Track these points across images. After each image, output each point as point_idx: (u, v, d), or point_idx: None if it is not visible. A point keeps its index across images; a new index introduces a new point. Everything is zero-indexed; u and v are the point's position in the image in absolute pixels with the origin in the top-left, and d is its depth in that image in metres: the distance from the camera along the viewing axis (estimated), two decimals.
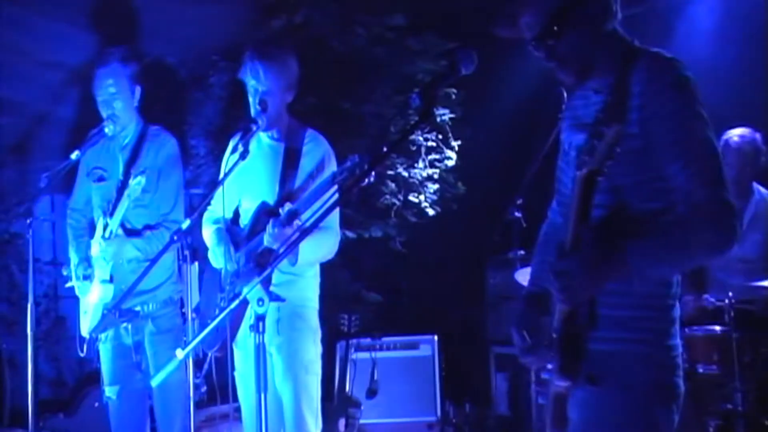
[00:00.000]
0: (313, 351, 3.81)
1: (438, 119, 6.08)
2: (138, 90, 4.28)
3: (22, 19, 5.15)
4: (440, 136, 6.18)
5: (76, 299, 4.39)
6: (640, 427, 2.25)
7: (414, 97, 2.37)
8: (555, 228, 2.64)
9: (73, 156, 4.12)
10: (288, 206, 3.55)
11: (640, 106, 2.20)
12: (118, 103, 4.19)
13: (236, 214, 3.98)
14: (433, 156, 6.34)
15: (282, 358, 3.75)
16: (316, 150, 3.82)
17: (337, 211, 3.84)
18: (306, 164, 3.77)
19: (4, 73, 5.35)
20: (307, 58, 5.35)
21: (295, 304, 3.79)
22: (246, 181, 3.85)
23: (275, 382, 3.75)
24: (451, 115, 6.14)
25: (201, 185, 6.11)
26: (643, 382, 2.24)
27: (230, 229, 3.90)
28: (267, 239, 3.51)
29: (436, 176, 6.28)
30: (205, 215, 3.98)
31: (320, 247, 3.76)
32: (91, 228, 4.33)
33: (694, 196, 2.14)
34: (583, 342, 2.24)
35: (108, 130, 4.17)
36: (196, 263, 4.13)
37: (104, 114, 4.20)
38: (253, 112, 3.78)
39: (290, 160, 3.79)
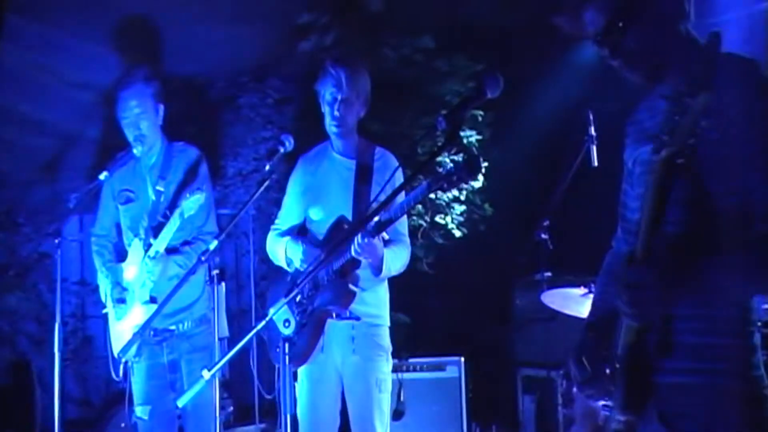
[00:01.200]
0: (386, 369, 3.84)
1: (465, 141, 6.07)
2: (162, 109, 4.30)
3: (52, 40, 5.20)
4: (467, 157, 6.15)
5: (104, 319, 4.39)
6: None
7: (440, 120, 2.35)
8: (619, 258, 2.39)
9: (102, 176, 4.15)
10: (377, 218, 3.58)
11: (719, 111, 1.95)
12: (143, 123, 4.21)
13: (300, 230, 4.01)
14: None
15: (357, 377, 3.78)
16: (386, 167, 3.86)
17: (405, 223, 3.93)
18: (378, 180, 3.80)
19: (35, 93, 5.40)
20: None
21: (370, 324, 3.81)
22: (318, 196, 3.89)
23: (349, 400, 3.78)
24: (479, 137, 6.11)
25: (228, 205, 6.14)
26: (728, 422, 2.01)
27: (304, 240, 3.90)
28: (355, 249, 3.50)
29: (462, 198, 6.26)
30: (273, 233, 4.00)
31: (399, 258, 3.81)
32: (118, 252, 4.34)
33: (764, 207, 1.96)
34: (650, 373, 2.06)
35: (137, 151, 4.20)
36: (223, 284, 4.14)
37: (130, 135, 4.22)
38: (328, 121, 3.84)
39: (362, 176, 3.83)
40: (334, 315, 3.69)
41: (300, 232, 4.02)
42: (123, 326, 4.18)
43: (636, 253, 2.00)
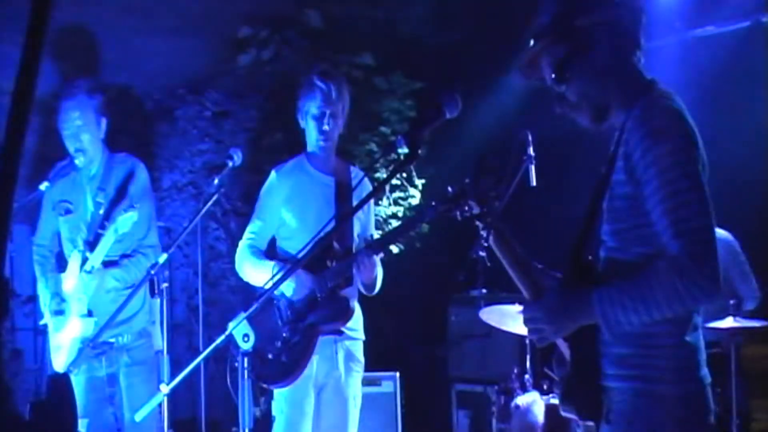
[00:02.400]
0: (360, 385, 3.95)
1: (401, 158, 6.15)
2: (104, 122, 4.27)
3: None
4: (404, 175, 6.25)
5: (34, 332, 4.33)
6: None
7: (399, 139, 2.42)
8: None
9: (42, 187, 4.11)
10: (377, 235, 3.63)
11: (625, 155, 2.23)
12: (85, 135, 4.18)
13: (269, 244, 4.01)
14: (397, 194, 6.40)
15: (336, 392, 3.84)
16: (363, 184, 3.91)
17: None
18: (357, 197, 3.84)
19: None
20: (274, 93, 5.42)
21: (351, 338, 3.89)
22: (298, 210, 3.89)
23: (321, 415, 3.83)
24: None
25: (163, 218, 6.10)
26: (649, 419, 2.24)
27: (285, 259, 3.88)
28: (358, 266, 3.56)
29: (399, 214, 6.35)
30: (246, 246, 3.93)
31: (380, 277, 3.88)
32: (59, 262, 4.30)
33: (668, 246, 2.16)
34: (594, 380, 2.32)
35: (78, 162, 4.17)
36: (158, 298, 4.13)
37: (71, 147, 4.18)
38: (315, 135, 3.86)
39: (342, 194, 3.87)
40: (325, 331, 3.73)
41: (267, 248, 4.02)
42: (61, 338, 4.14)
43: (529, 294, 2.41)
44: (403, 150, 2.47)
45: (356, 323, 3.94)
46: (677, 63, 5.91)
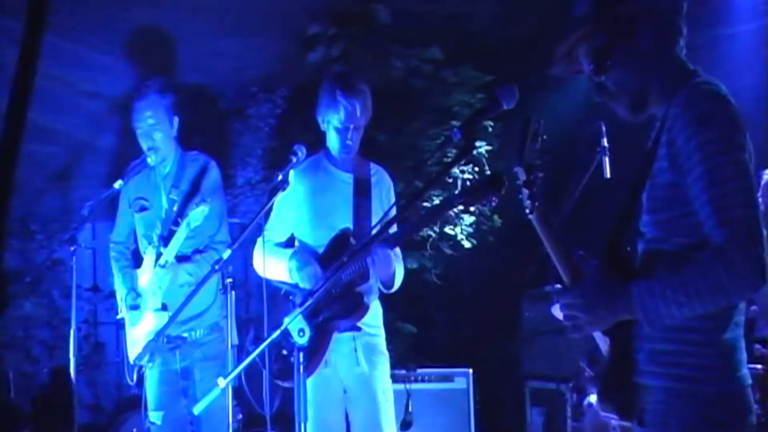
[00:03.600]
0: (389, 378, 3.91)
1: (474, 152, 6.14)
2: (176, 120, 4.38)
3: (65, 51, 5.30)
4: (476, 169, 6.23)
5: (116, 326, 4.48)
6: None
7: (455, 131, 2.42)
8: None
9: (116, 185, 4.24)
10: (393, 230, 3.64)
11: (669, 142, 2.19)
12: (157, 134, 4.29)
13: (289, 241, 4.06)
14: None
15: (363, 388, 3.82)
16: (382, 181, 3.95)
17: None
18: (376, 194, 3.89)
19: (48, 103, 5.50)
20: None
21: (370, 334, 3.87)
22: (317, 208, 3.93)
23: (354, 412, 3.83)
24: (488, 147, 6.18)
25: (237, 214, 6.21)
26: (682, 419, 2.17)
27: (303, 250, 3.91)
28: (371, 261, 3.55)
29: (472, 209, 6.31)
30: (262, 241, 3.97)
31: (401, 274, 3.88)
32: (135, 258, 4.43)
33: (712, 235, 2.10)
34: (629, 377, 2.25)
35: (150, 160, 4.28)
36: (233, 293, 4.21)
37: (144, 146, 4.31)
38: (338, 147, 3.89)
39: (362, 190, 3.90)
40: (340, 328, 3.73)
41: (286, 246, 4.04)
42: (137, 332, 4.27)
43: (569, 279, 2.30)
44: (461, 142, 2.46)
45: (374, 319, 3.91)
46: (760, 49, 5.76)
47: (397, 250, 3.84)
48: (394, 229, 3.67)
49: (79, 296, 5.71)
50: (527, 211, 2.30)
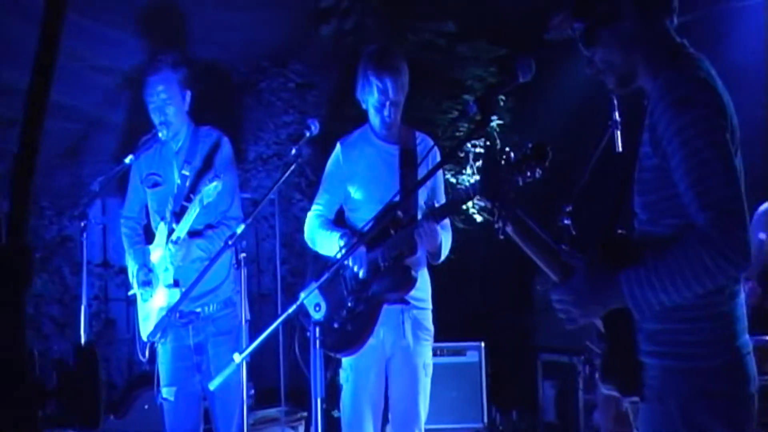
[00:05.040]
0: (430, 353, 3.94)
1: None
2: (188, 95, 4.33)
3: (75, 25, 5.24)
4: (488, 143, 6.17)
5: (127, 302, 4.45)
6: None
7: (471, 105, 2.38)
8: None
9: (127, 160, 4.20)
10: (438, 202, 3.68)
11: (651, 126, 2.22)
12: (170, 108, 4.25)
13: (338, 214, 4.07)
14: (481, 163, 6.31)
15: (405, 361, 3.84)
16: (430, 151, 3.90)
17: None
18: (423, 164, 3.85)
19: (58, 78, 5.44)
20: (357, 63, 5.37)
21: (418, 307, 3.89)
22: (363, 181, 3.93)
23: (391, 384, 3.86)
24: (500, 122, 6.12)
25: (249, 190, 6.16)
26: (678, 394, 2.21)
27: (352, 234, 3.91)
28: (419, 234, 3.55)
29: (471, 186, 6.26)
30: (313, 216, 4.01)
31: (448, 244, 3.89)
32: (147, 234, 4.40)
33: (695, 218, 2.13)
34: (631, 355, 2.30)
35: (161, 135, 4.24)
36: (245, 268, 4.17)
37: (156, 120, 4.27)
38: (377, 122, 3.89)
39: (407, 161, 3.88)
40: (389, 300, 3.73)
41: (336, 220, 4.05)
42: (149, 308, 4.24)
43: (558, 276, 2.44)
44: (477, 116, 2.41)
45: (423, 293, 3.92)
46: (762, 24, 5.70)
47: (446, 220, 3.85)
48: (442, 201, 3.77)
49: (90, 272, 5.68)
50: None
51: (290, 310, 2.55)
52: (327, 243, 3.88)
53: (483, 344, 5.92)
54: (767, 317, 4.64)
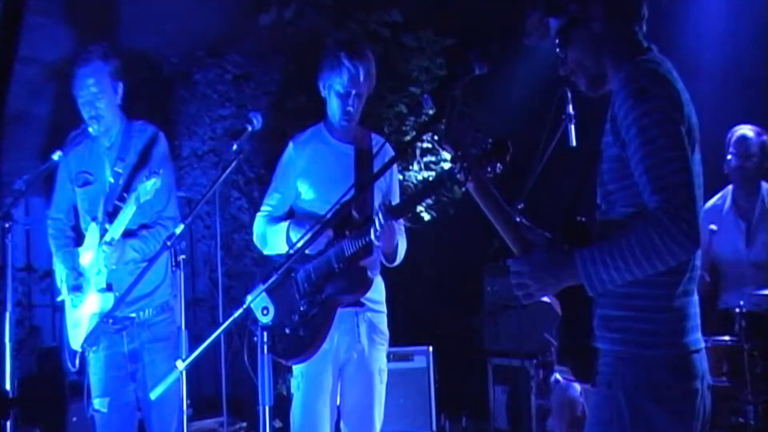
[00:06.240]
0: (384, 359, 3.94)
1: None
2: (120, 87, 4.28)
3: None
4: (436, 137, 6.20)
5: (52, 308, 4.36)
6: (625, 424, 2.35)
7: (426, 98, 2.41)
8: None
9: (55, 157, 4.12)
10: (394, 202, 3.67)
11: (612, 116, 2.41)
12: (101, 102, 4.19)
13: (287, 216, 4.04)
14: (428, 158, 6.37)
15: (360, 367, 3.85)
16: (385, 153, 3.89)
17: None
18: (378, 166, 3.84)
19: None
20: (297, 54, 5.38)
21: (373, 310, 3.89)
22: (316, 181, 3.92)
23: (344, 391, 3.87)
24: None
25: (183, 187, 6.12)
26: (625, 381, 2.37)
27: (303, 217, 3.91)
28: (375, 233, 3.51)
29: (431, 179, 6.32)
30: (262, 217, 3.99)
31: (404, 246, 3.89)
32: (76, 235, 4.33)
33: (648, 202, 2.31)
34: (586, 340, 2.45)
35: (92, 130, 4.18)
36: (180, 271, 4.14)
37: (86, 115, 4.20)
38: (338, 114, 3.87)
39: (363, 162, 3.89)
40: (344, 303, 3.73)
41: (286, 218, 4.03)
42: (79, 315, 4.18)
43: (517, 248, 2.56)
44: (431, 109, 2.45)
45: (378, 295, 3.93)
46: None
47: (401, 222, 3.82)
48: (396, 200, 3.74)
49: (12, 277, 5.59)
50: (461, 183, 2.60)
51: (236, 314, 2.54)
52: (277, 236, 3.88)
53: (431, 348, 5.97)
54: (724, 319, 4.76)
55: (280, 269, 2.50)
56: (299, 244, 2.72)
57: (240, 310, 2.53)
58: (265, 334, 2.56)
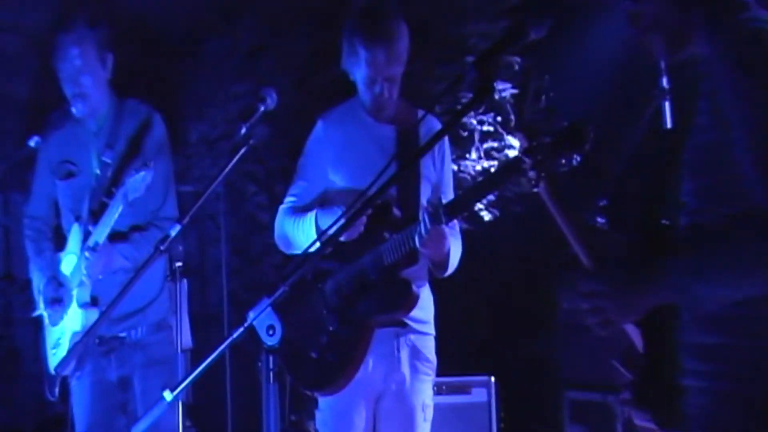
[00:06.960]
0: (430, 392, 3.91)
1: (497, 96, 6.11)
2: (110, 59, 4.32)
3: None
4: (499, 119, 6.20)
5: (35, 326, 4.42)
6: None
7: (469, 68, 2.39)
8: None
9: (32, 144, 4.19)
10: (446, 198, 3.63)
11: (709, 92, 2.26)
12: (86, 77, 4.25)
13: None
14: (489, 144, 6.36)
15: (400, 399, 3.82)
16: (429, 127, 3.89)
17: None
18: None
19: None
20: (325, 22, 5.39)
21: (418, 332, 3.85)
22: (350, 169, 3.90)
23: (384, 427, 3.85)
24: (513, 91, 6.14)
25: (191, 180, 6.16)
26: (727, 428, 2.23)
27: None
28: (420, 239, 3.47)
29: (493, 170, 6.30)
30: (286, 209, 3.97)
31: (458, 253, 3.86)
32: (57, 238, 4.39)
33: (755, 195, 2.15)
34: (669, 378, 2.33)
35: (76, 110, 4.24)
36: (186, 281, 4.18)
37: (69, 92, 4.26)
38: (367, 99, 3.87)
39: (406, 147, 3.85)
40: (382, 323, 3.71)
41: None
42: (59, 333, 4.24)
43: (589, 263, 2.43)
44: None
45: (424, 313, 3.89)
46: None
47: (454, 223, 3.79)
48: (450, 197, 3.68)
49: None
50: (532, 183, 2.47)
51: (235, 336, 2.53)
52: (302, 229, 3.84)
53: (493, 379, 5.95)
54: None
55: (289, 279, 2.47)
56: (317, 245, 2.71)
57: (241, 330, 2.52)
58: (270, 358, 2.56)
